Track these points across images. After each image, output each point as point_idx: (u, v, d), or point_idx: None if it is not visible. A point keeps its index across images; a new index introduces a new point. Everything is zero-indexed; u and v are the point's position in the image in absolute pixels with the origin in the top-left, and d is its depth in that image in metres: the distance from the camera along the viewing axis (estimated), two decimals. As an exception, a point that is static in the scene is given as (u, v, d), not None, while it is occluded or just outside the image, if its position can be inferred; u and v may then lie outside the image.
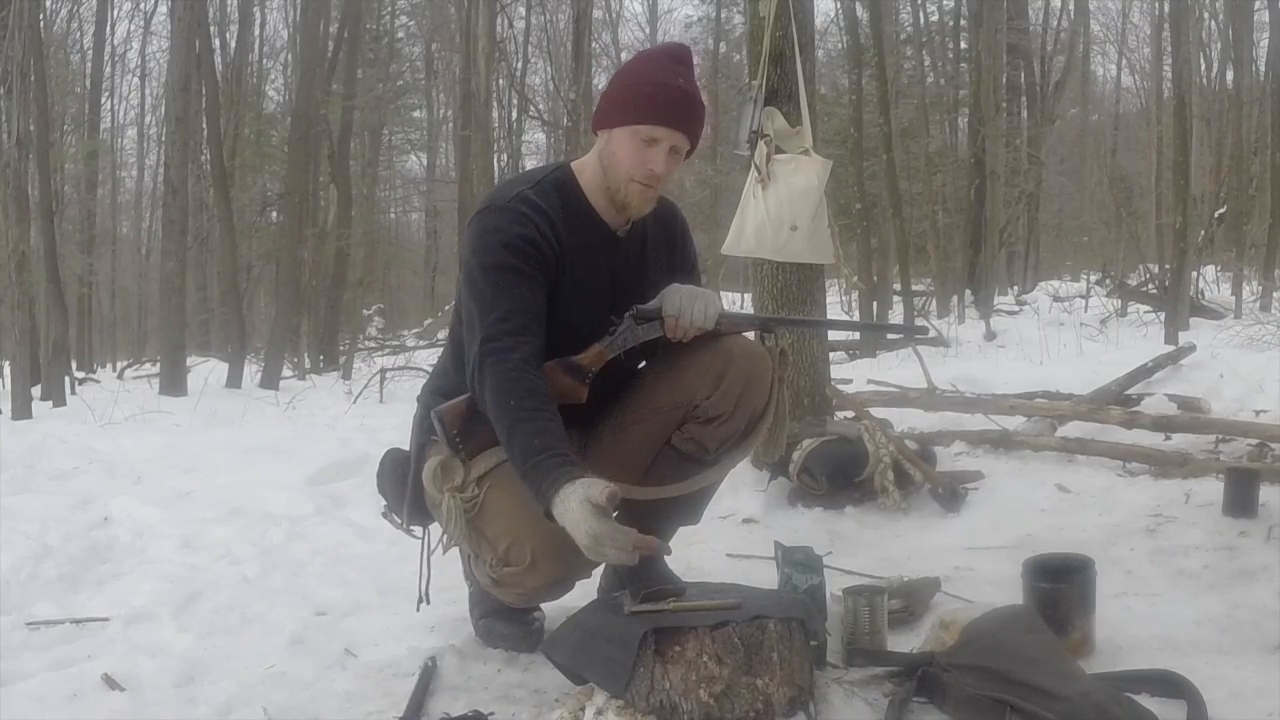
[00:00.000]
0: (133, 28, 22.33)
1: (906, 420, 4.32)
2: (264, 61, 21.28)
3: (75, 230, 17.40)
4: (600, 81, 17.56)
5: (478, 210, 2.09)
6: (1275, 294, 11.50)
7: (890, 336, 9.33)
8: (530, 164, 20.42)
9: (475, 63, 12.72)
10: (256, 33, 20.72)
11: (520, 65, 20.15)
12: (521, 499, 1.91)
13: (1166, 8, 12.71)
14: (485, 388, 1.91)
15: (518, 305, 1.95)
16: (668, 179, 2.07)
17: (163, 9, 19.73)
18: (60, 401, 8.84)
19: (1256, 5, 15.77)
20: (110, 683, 2.06)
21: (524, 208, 2.02)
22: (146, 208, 22.42)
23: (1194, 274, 11.01)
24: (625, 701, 1.70)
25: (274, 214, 17.02)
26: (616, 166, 2.04)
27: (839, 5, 16.26)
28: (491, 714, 1.84)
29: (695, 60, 2.13)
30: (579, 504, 1.71)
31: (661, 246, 2.23)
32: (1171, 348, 6.29)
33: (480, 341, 1.93)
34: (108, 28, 19.68)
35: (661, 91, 2.01)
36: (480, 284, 1.97)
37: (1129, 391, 4.66)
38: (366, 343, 14.49)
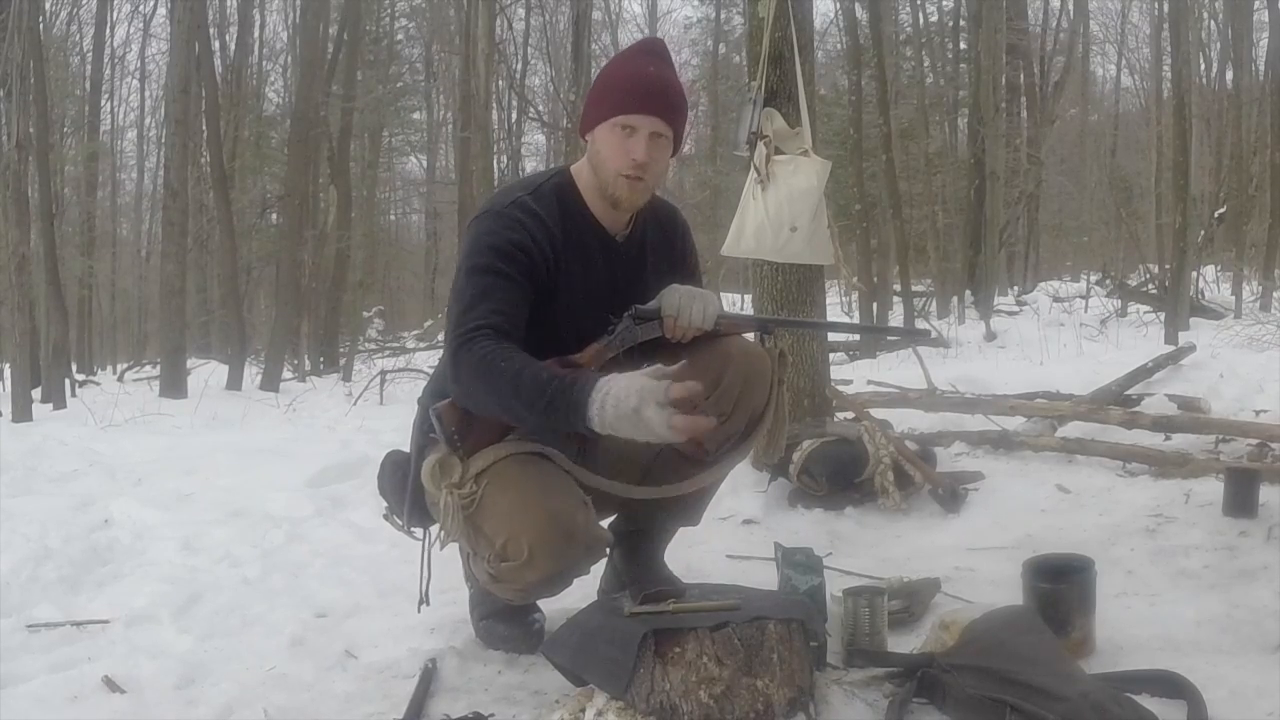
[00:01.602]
0: (132, 30, 22.37)
1: (906, 421, 4.32)
2: (263, 64, 21.30)
3: (75, 233, 17.38)
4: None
5: (475, 215, 2.10)
6: (1275, 294, 11.50)
7: (890, 338, 9.30)
8: (530, 165, 20.50)
9: (475, 64, 12.73)
10: (256, 35, 20.77)
11: (520, 67, 20.19)
12: (519, 495, 1.91)
13: (1166, 8, 12.73)
14: (463, 369, 1.88)
15: (498, 305, 1.94)
16: (656, 169, 2.06)
17: (162, 11, 19.81)
18: (60, 404, 8.83)
19: (1256, 5, 15.80)
20: (111, 685, 2.06)
21: (519, 213, 2.02)
22: (146, 210, 22.43)
23: (1194, 274, 11.00)
24: (625, 703, 1.70)
25: (274, 216, 17.03)
26: (603, 164, 2.04)
27: (838, 6, 16.30)
28: (492, 715, 1.84)
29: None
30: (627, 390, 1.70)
31: (661, 249, 2.22)
32: (1171, 348, 6.29)
33: (453, 335, 1.92)
34: (107, 30, 19.71)
35: (631, 80, 2.02)
36: (462, 285, 1.98)
37: (1129, 392, 4.66)
38: (366, 344, 14.49)
